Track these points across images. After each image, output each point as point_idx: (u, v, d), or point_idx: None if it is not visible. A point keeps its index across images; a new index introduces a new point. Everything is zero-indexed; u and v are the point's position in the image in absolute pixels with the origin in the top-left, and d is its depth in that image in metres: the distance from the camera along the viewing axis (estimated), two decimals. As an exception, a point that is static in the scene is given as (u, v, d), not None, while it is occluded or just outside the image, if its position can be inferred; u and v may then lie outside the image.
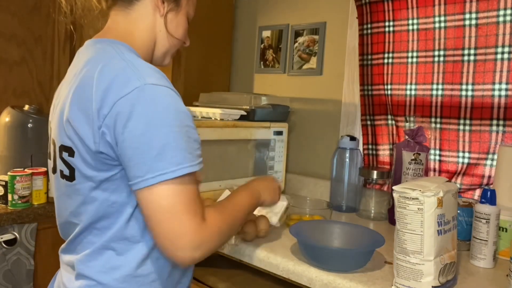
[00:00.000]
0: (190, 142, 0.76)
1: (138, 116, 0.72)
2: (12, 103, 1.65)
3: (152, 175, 0.72)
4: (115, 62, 0.78)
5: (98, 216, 0.80)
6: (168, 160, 0.72)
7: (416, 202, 0.87)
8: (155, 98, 0.74)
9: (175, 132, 0.73)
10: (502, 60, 1.31)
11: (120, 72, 0.75)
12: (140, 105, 0.72)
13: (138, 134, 0.72)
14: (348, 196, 1.61)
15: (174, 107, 0.75)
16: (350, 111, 1.71)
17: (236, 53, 2.13)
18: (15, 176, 1.44)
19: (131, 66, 0.76)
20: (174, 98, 0.76)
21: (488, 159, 1.36)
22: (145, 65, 0.78)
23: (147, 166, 0.72)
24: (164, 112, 0.73)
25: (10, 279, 1.40)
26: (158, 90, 0.74)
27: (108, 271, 0.81)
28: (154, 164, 0.72)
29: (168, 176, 0.72)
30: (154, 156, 0.72)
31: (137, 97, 0.72)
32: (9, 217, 1.40)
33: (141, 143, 0.72)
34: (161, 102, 0.74)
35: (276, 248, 1.13)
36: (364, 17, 1.60)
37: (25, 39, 1.69)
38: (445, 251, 0.90)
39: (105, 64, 0.78)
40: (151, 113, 0.73)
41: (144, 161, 0.72)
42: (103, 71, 0.76)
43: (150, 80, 0.74)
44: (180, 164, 0.73)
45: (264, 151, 1.68)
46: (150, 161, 0.72)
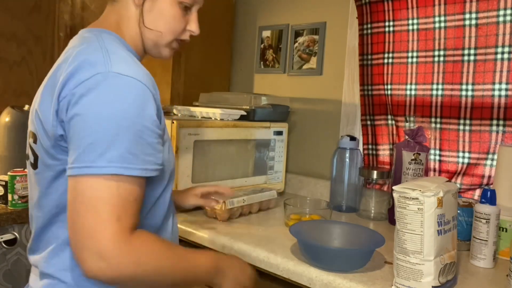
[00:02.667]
0: (140, 144, 0.69)
1: (89, 101, 0.68)
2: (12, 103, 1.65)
3: (79, 165, 0.67)
4: (90, 48, 0.75)
5: (59, 208, 0.76)
6: (100, 153, 0.66)
7: (416, 202, 0.87)
8: (115, 87, 0.69)
9: (122, 126, 0.68)
10: (502, 60, 1.31)
11: (89, 57, 0.72)
12: (95, 90, 0.68)
13: (82, 118, 0.68)
14: (348, 196, 1.60)
15: (134, 102, 0.69)
16: (350, 111, 1.71)
17: (236, 53, 2.13)
18: (15, 176, 1.44)
19: (103, 53, 0.73)
20: (139, 92, 0.71)
21: (488, 159, 1.36)
22: (122, 55, 0.75)
23: (77, 154, 0.67)
24: (118, 103, 0.68)
25: (10, 279, 1.40)
26: (121, 79, 0.70)
27: (69, 269, 0.76)
28: (84, 154, 0.67)
29: (93, 171, 0.66)
30: (87, 144, 0.67)
31: (95, 83, 0.68)
32: (9, 217, 1.40)
33: (81, 128, 0.68)
34: (120, 93, 0.69)
35: (276, 248, 1.13)
36: (364, 17, 1.60)
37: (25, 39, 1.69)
38: (445, 251, 0.90)
39: (80, 50, 0.75)
40: (104, 100, 0.68)
41: (77, 148, 0.68)
42: (75, 56, 0.74)
43: (116, 69, 0.70)
44: (112, 162, 0.66)
45: (264, 151, 1.68)
46: (82, 149, 0.67)
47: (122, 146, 0.67)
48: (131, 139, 0.68)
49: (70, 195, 0.68)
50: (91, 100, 0.68)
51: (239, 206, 1.39)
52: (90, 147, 0.67)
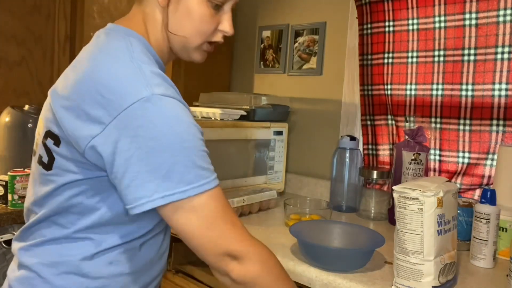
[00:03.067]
0: (203, 157, 0.70)
1: (147, 130, 0.65)
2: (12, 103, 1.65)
3: (159, 195, 0.66)
4: (123, 62, 0.71)
5: (59, 210, 0.75)
6: (179, 179, 0.66)
7: (416, 202, 0.87)
8: (163, 111, 0.67)
9: (186, 147, 0.68)
10: (502, 60, 1.31)
11: (126, 75, 0.69)
12: (147, 118, 0.66)
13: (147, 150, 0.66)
14: (348, 196, 1.60)
15: (184, 120, 0.69)
16: (350, 111, 1.71)
17: (236, 53, 2.13)
18: (15, 176, 1.44)
19: (138, 70, 0.69)
20: (183, 110, 0.70)
21: (488, 159, 1.36)
22: (152, 71, 0.71)
23: (154, 185, 0.66)
24: (173, 126, 0.67)
25: (10, 279, 1.40)
26: (166, 101, 0.68)
27: (49, 265, 0.75)
28: (162, 184, 0.66)
29: (179, 197, 0.66)
30: (163, 174, 0.66)
31: (145, 109, 0.66)
32: (9, 217, 1.40)
33: (151, 160, 0.66)
34: (170, 115, 0.67)
35: (276, 248, 1.13)
36: (364, 17, 1.60)
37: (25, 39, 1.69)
38: (445, 251, 0.90)
39: (111, 61, 0.71)
40: (159, 127, 0.66)
41: (148, 179, 0.66)
42: (107, 69, 0.70)
43: (158, 90, 0.68)
44: (192, 182, 0.67)
45: (264, 151, 1.68)
46: (158, 180, 0.66)
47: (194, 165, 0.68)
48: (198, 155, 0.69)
49: (175, 225, 0.69)
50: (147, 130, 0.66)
51: (239, 206, 1.39)
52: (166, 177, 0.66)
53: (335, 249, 1.12)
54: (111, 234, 0.76)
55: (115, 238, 0.77)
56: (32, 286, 0.76)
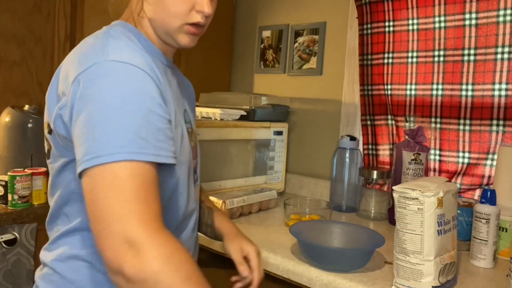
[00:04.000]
0: (148, 129, 0.66)
1: (90, 92, 0.65)
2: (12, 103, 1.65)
3: (88, 157, 0.62)
4: (91, 39, 0.73)
5: (64, 199, 0.76)
6: (108, 142, 0.62)
7: (416, 202, 0.87)
8: (113, 74, 0.66)
9: (126, 111, 0.64)
10: (502, 60, 1.31)
11: (88, 48, 0.71)
12: (94, 81, 0.66)
13: (85, 113, 0.65)
14: (348, 196, 1.60)
15: (136, 86, 0.67)
16: (350, 111, 1.71)
17: (236, 53, 2.13)
18: (15, 176, 1.44)
19: (103, 43, 0.71)
20: (139, 78, 0.68)
21: (488, 159, 1.36)
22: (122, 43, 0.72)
23: (85, 147, 0.63)
24: (117, 89, 0.65)
25: (10, 279, 1.40)
26: (119, 66, 0.67)
27: (63, 260, 0.76)
28: (92, 146, 0.63)
29: (105, 159, 0.62)
30: (93, 135, 0.63)
31: (93, 73, 0.66)
32: (9, 217, 1.40)
33: (86, 122, 0.64)
34: (119, 79, 0.66)
35: (276, 248, 1.13)
36: (364, 17, 1.60)
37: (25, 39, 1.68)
38: (445, 251, 0.90)
39: (82, 43, 0.74)
40: (104, 88, 0.65)
41: (84, 142, 0.64)
42: (75, 48, 0.73)
43: (113, 57, 0.68)
44: (122, 147, 0.62)
45: (264, 151, 1.68)
46: (90, 142, 0.63)
47: (130, 131, 0.64)
48: (139, 124, 0.65)
49: (87, 189, 0.63)
50: (91, 92, 0.65)
51: (239, 206, 1.39)
52: (97, 137, 0.63)
53: (335, 249, 1.12)
54: None
55: None
56: (51, 282, 0.77)
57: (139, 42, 0.78)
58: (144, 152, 0.64)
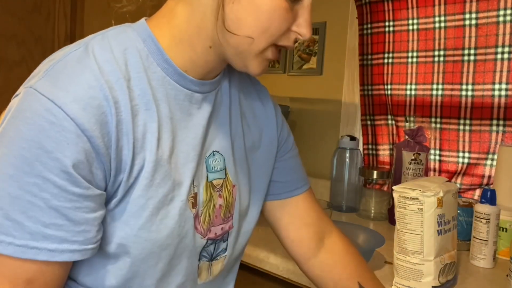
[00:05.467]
0: (32, 206, 0.45)
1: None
2: (12, 103, 1.66)
3: None
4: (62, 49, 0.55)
5: None
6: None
7: (416, 202, 0.87)
8: (21, 111, 0.48)
9: (5, 174, 0.45)
10: (502, 60, 1.31)
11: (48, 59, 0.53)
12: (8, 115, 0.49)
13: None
14: (348, 196, 1.60)
15: (35, 136, 0.45)
16: (350, 111, 1.71)
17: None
18: (15, 176, 1.44)
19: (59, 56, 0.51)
20: (49, 122, 0.46)
21: (488, 159, 1.36)
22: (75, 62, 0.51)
23: None
24: (13, 136, 0.46)
25: (10, 279, 1.40)
26: (33, 100, 0.47)
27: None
28: None
29: None
30: None
31: (12, 103, 0.50)
32: (9, 217, 1.40)
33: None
34: (22, 120, 0.47)
35: (276, 248, 1.13)
36: (364, 17, 1.60)
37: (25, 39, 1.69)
38: (445, 251, 0.90)
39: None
40: (5, 129, 0.48)
41: None
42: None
43: (40, 83, 0.48)
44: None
45: (264, 151, 1.68)
46: None
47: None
48: (15, 196, 0.45)
49: None
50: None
51: None
52: None
53: (335, 249, 1.12)
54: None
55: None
56: None
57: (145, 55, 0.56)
58: (5, 241, 0.44)
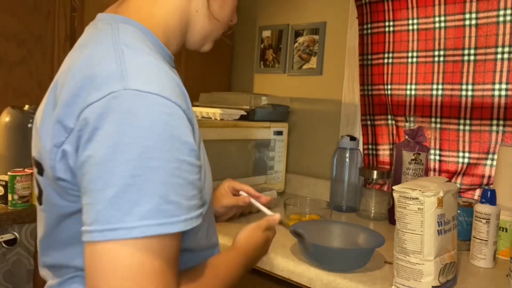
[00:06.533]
0: (179, 186, 0.52)
1: (104, 135, 0.50)
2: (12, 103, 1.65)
3: (100, 227, 0.49)
4: (100, 50, 0.57)
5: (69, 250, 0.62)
6: (127, 209, 0.49)
7: (416, 202, 0.87)
8: (135, 111, 0.51)
9: (152, 168, 0.50)
10: (502, 60, 1.31)
11: (100, 66, 0.55)
12: (109, 118, 0.51)
13: (96, 162, 0.50)
14: (348, 196, 1.60)
15: (165, 129, 0.52)
16: (350, 111, 1.71)
17: (236, 53, 2.13)
18: (15, 176, 1.44)
19: (119, 60, 0.55)
20: (169, 116, 0.53)
21: (488, 159, 1.36)
22: (143, 60, 0.56)
23: (95, 212, 0.50)
24: (141, 135, 0.50)
25: (10, 279, 1.40)
26: (144, 99, 0.52)
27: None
28: (105, 212, 0.49)
29: (121, 235, 0.49)
30: (109, 197, 0.49)
31: (108, 107, 0.51)
32: (9, 217, 1.40)
33: (97, 175, 0.50)
34: (143, 119, 0.51)
35: (276, 248, 1.13)
36: (364, 17, 1.60)
37: (25, 39, 1.69)
38: (445, 251, 0.90)
39: (87, 53, 0.58)
40: (122, 132, 0.50)
41: (94, 203, 0.50)
42: (80, 62, 0.57)
43: (135, 84, 0.52)
44: (144, 218, 0.49)
45: (264, 151, 1.68)
46: (102, 205, 0.49)
47: (156, 195, 0.50)
48: (168, 182, 0.51)
49: (89, 267, 0.50)
50: (106, 135, 0.50)
51: (239, 206, 1.38)
52: (113, 202, 0.49)
53: (335, 249, 1.12)
54: None
55: None
56: None
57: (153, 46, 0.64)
58: (173, 222, 0.51)
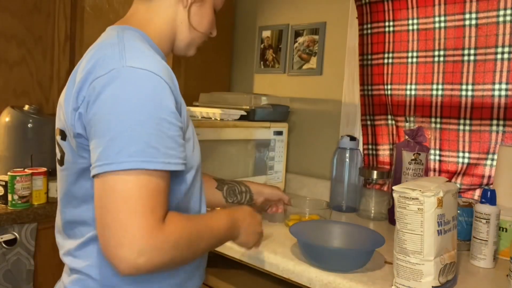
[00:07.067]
0: (160, 137, 0.68)
1: (105, 97, 0.68)
2: (12, 103, 1.65)
3: (101, 163, 0.66)
4: (108, 44, 0.75)
5: (85, 207, 0.77)
6: (120, 149, 0.66)
7: (416, 202, 0.87)
8: (129, 81, 0.69)
9: (139, 121, 0.67)
10: (502, 60, 1.31)
11: (106, 52, 0.73)
12: (110, 86, 0.68)
13: (100, 117, 0.68)
14: (348, 196, 1.60)
15: (151, 95, 0.69)
16: (350, 111, 1.71)
17: (236, 53, 2.13)
18: (15, 176, 1.44)
19: (120, 48, 0.73)
20: (155, 85, 0.70)
21: (488, 159, 1.36)
22: (139, 49, 0.74)
23: (99, 152, 0.67)
24: (133, 97, 0.68)
25: (10, 279, 1.40)
26: (136, 73, 0.69)
27: (96, 265, 0.77)
28: (105, 151, 0.66)
29: (116, 167, 0.65)
30: (106, 141, 0.66)
31: (110, 78, 0.69)
32: (9, 217, 1.40)
33: (100, 126, 0.68)
34: (135, 86, 0.68)
35: (276, 248, 1.13)
36: (364, 17, 1.60)
37: (25, 39, 1.69)
38: (445, 251, 0.90)
39: (99, 46, 0.76)
40: (119, 95, 0.68)
41: (98, 146, 0.67)
42: (93, 52, 0.75)
43: (131, 63, 0.70)
44: (132, 156, 0.65)
45: (264, 151, 1.68)
46: (103, 147, 0.67)
47: (142, 140, 0.66)
48: (150, 133, 0.67)
49: (97, 194, 0.67)
50: (107, 97, 0.68)
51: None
52: (110, 144, 0.66)
53: (335, 249, 1.12)
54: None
55: None
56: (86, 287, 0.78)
57: (150, 47, 0.80)
58: (155, 161, 0.67)
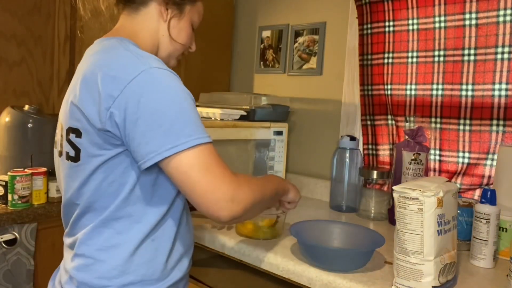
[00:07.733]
0: (197, 118, 0.82)
1: (149, 95, 0.78)
2: (12, 103, 1.65)
3: (166, 148, 0.77)
4: (120, 52, 0.85)
5: (97, 195, 0.86)
6: (177, 134, 0.78)
7: (416, 202, 0.87)
8: (161, 79, 0.81)
9: (183, 108, 0.80)
10: (502, 60, 1.31)
11: (126, 59, 0.83)
12: (149, 86, 0.79)
13: (148, 113, 0.78)
14: (348, 196, 1.60)
15: (179, 86, 0.82)
16: (350, 111, 1.71)
17: (236, 53, 2.13)
18: (15, 176, 1.44)
19: (135, 54, 0.84)
20: (177, 80, 0.84)
21: (488, 159, 1.36)
22: (147, 54, 0.86)
23: (158, 141, 0.78)
24: (172, 91, 0.81)
25: (10, 279, 1.40)
26: (163, 72, 0.82)
27: (107, 249, 0.86)
28: (163, 139, 0.77)
29: (181, 148, 0.77)
30: (163, 131, 0.78)
31: (145, 79, 0.79)
32: (9, 217, 1.40)
33: (152, 121, 0.78)
34: (168, 82, 0.81)
35: (276, 248, 1.13)
36: (364, 17, 1.60)
37: (25, 39, 1.69)
38: (445, 251, 0.90)
39: (111, 54, 0.85)
40: (161, 91, 0.79)
41: (152, 138, 0.78)
42: (109, 59, 0.84)
43: (154, 64, 0.82)
44: (190, 136, 0.78)
45: (264, 151, 1.68)
46: (159, 137, 0.78)
47: (191, 122, 0.80)
48: (194, 115, 0.81)
49: (174, 174, 0.79)
50: (150, 94, 0.79)
51: None
52: (168, 132, 0.78)
53: (335, 249, 1.12)
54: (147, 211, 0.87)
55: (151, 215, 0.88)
56: (92, 270, 0.86)
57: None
58: (205, 136, 0.81)
